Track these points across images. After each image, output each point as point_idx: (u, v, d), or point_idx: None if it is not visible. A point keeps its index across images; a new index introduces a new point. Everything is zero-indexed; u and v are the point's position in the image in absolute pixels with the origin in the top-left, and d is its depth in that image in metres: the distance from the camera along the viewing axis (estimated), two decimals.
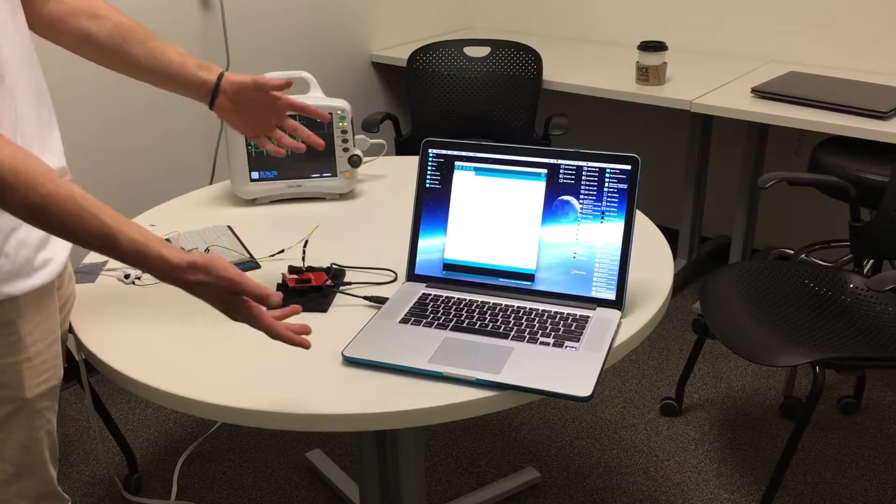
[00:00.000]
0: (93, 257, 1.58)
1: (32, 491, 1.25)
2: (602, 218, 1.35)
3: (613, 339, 1.26)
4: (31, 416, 1.22)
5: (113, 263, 1.55)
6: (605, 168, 1.35)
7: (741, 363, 2.69)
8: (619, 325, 1.29)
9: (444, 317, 1.32)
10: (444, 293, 1.38)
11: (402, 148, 3.09)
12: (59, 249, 1.26)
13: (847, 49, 2.92)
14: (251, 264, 1.54)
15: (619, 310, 1.32)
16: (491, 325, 1.29)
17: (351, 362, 1.22)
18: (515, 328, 1.28)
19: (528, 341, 1.25)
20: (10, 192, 1.03)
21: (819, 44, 2.96)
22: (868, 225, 2.21)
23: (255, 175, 1.79)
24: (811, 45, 2.98)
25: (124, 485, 2.21)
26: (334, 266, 1.50)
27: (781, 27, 3.02)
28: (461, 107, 3.08)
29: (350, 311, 1.37)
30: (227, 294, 1.12)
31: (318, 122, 1.77)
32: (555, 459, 2.29)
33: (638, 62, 2.77)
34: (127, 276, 1.49)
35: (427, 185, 1.43)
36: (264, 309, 1.14)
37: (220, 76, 1.40)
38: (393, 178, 1.93)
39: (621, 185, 1.34)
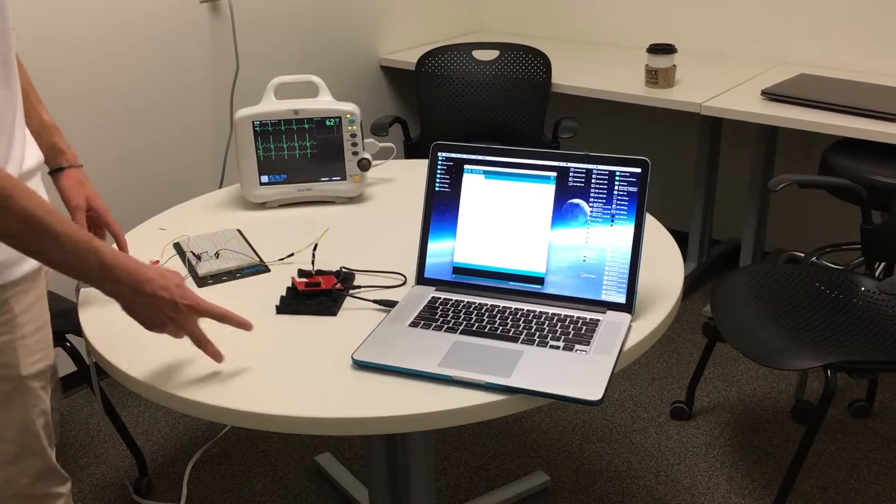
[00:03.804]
0: None
1: (35, 469, 1.29)
2: (612, 221, 1.34)
3: (624, 343, 1.25)
4: (27, 394, 1.25)
5: None
6: (614, 171, 1.34)
7: (752, 366, 2.68)
8: (629, 329, 1.29)
9: (453, 320, 1.31)
10: (454, 297, 1.38)
11: (411, 151, 3.09)
12: None
13: (857, 51, 2.90)
14: (261, 268, 1.54)
15: (630, 313, 1.32)
16: (501, 328, 1.29)
17: (361, 366, 1.22)
18: (525, 332, 1.28)
19: (538, 345, 1.25)
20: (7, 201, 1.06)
21: (829, 46, 2.95)
22: (880, 227, 2.19)
23: (264, 179, 1.79)
24: (821, 46, 2.97)
25: (134, 488, 2.22)
26: (344, 269, 1.50)
27: (791, 29, 3.01)
28: (470, 110, 3.08)
29: (359, 314, 1.37)
30: (187, 310, 1.19)
31: (327, 125, 1.77)
32: (564, 463, 2.28)
33: (647, 65, 2.77)
34: None
35: (436, 189, 1.43)
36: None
37: (59, 171, 1.47)
38: (402, 181, 1.93)
39: (631, 189, 1.33)
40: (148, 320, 1.20)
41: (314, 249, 1.52)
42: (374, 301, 1.39)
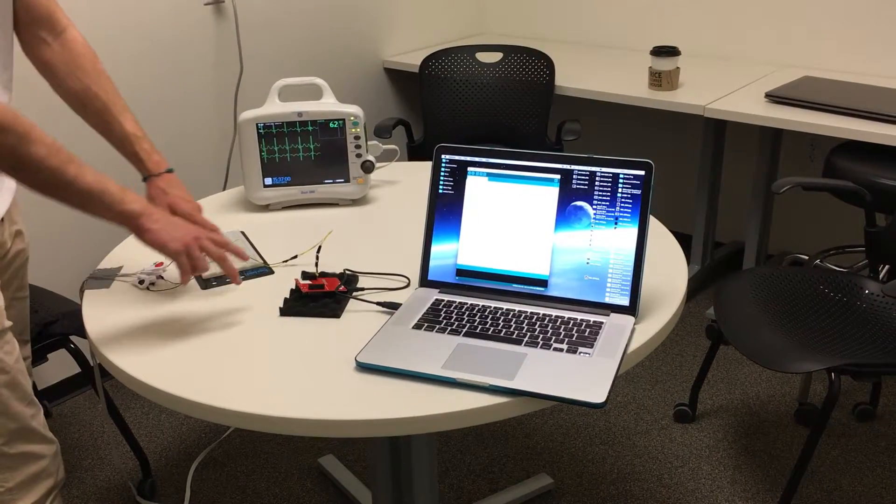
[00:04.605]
0: (107, 263, 1.59)
1: (3, 429, 1.31)
2: (616, 223, 1.34)
3: (627, 346, 1.25)
4: None
5: (127, 269, 1.55)
6: (618, 174, 1.34)
7: (755, 369, 2.68)
8: (632, 331, 1.29)
9: (457, 322, 1.31)
10: (457, 299, 1.38)
11: (415, 153, 3.09)
12: None
13: (862, 53, 2.90)
14: (265, 270, 1.54)
15: (633, 316, 1.32)
16: (504, 330, 1.29)
17: (364, 368, 1.22)
18: (529, 334, 1.28)
19: (541, 347, 1.25)
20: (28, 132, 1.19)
21: (833, 48, 2.95)
22: (884, 230, 2.19)
23: (268, 181, 1.79)
24: (825, 49, 2.96)
25: (138, 490, 2.22)
26: (347, 272, 1.50)
27: (795, 31, 3.01)
28: (473, 112, 3.08)
29: (363, 316, 1.37)
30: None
31: (331, 128, 1.78)
32: (568, 466, 2.28)
33: (651, 67, 2.77)
34: (141, 282, 1.50)
35: (440, 191, 1.43)
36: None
37: (145, 179, 1.54)
38: (405, 183, 1.93)
39: (635, 191, 1.33)
40: (172, 240, 1.29)
41: (318, 251, 1.52)
42: (378, 303, 1.39)
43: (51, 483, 1.39)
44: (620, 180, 1.34)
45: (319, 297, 1.41)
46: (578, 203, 1.36)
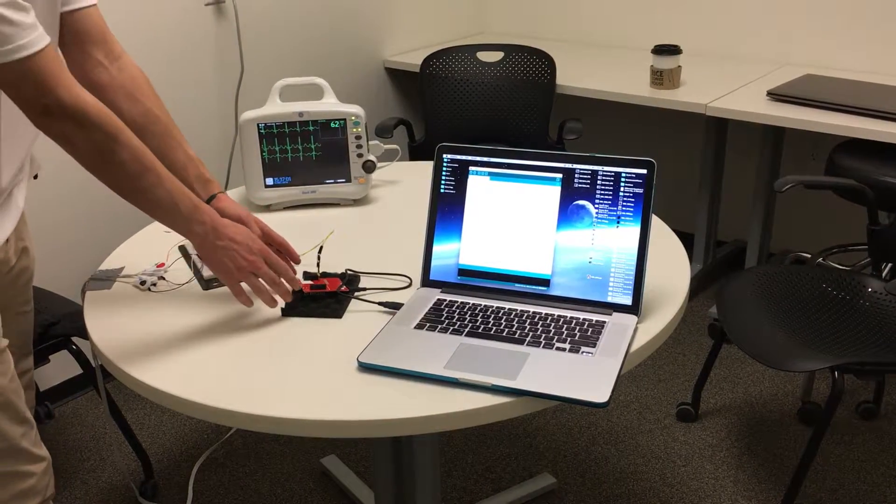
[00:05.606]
0: (109, 264, 1.59)
1: None
2: (618, 223, 1.34)
3: (630, 345, 1.25)
4: None
5: (128, 270, 1.55)
6: (620, 172, 1.34)
7: (758, 368, 2.67)
8: (635, 331, 1.29)
9: (459, 322, 1.31)
10: (460, 298, 1.38)
11: (416, 153, 3.09)
12: None
13: (863, 51, 2.90)
14: None
15: (636, 315, 1.31)
16: (506, 330, 1.29)
17: (366, 368, 1.22)
18: (531, 334, 1.28)
19: (544, 347, 1.25)
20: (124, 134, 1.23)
21: (835, 46, 2.94)
22: (886, 228, 2.19)
23: (269, 181, 1.79)
24: (827, 47, 2.96)
25: (140, 491, 2.22)
26: (349, 272, 1.49)
27: (797, 29, 3.00)
28: (474, 112, 3.07)
29: (365, 316, 1.37)
30: (260, 253, 1.34)
31: (332, 127, 1.77)
32: (570, 465, 2.28)
33: (652, 66, 2.76)
34: (143, 283, 1.50)
35: (441, 191, 1.43)
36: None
37: (212, 198, 1.50)
38: (407, 183, 1.93)
39: (637, 190, 1.33)
40: (224, 265, 1.32)
41: (319, 252, 1.52)
42: (380, 303, 1.39)
43: (38, 500, 1.37)
44: (622, 179, 1.34)
45: (321, 297, 1.41)
46: (580, 202, 1.36)
